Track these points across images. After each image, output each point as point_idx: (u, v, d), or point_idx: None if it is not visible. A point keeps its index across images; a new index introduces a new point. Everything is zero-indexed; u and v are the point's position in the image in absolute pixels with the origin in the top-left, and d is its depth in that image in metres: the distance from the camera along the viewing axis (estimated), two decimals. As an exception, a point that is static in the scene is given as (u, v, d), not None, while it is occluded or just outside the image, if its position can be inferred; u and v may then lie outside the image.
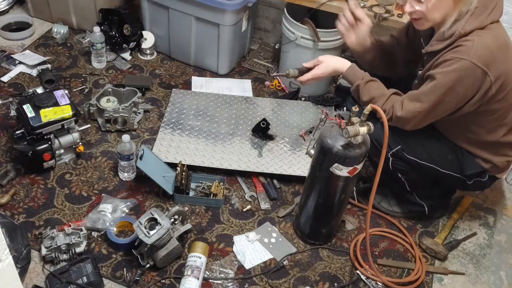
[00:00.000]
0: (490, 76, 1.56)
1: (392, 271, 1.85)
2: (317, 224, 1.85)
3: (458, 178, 1.81)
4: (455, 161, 1.78)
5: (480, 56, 1.54)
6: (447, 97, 1.61)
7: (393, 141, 1.76)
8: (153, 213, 1.70)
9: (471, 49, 1.55)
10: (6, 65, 2.53)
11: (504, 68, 1.60)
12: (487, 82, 1.58)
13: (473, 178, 1.81)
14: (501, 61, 1.58)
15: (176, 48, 2.67)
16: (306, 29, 2.32)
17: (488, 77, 1.56)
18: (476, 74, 1.56)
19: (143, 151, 1.97)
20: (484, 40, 1.56)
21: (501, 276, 1.92)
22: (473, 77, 1.56)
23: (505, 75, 1.60)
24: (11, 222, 1.71)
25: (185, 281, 1.66)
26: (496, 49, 1.57)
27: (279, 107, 2.44)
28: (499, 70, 1.58)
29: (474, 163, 1.79)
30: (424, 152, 1.78)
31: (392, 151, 1.78)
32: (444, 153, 1.79)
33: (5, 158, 2.07)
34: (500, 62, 1.58)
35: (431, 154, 1.78)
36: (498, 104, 1.65)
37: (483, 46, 1.55)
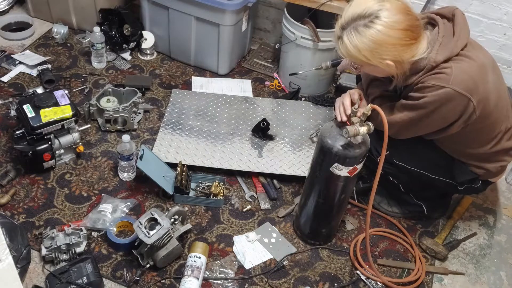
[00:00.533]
0: (473, 102, 1.53)
1: (392, 271, 1.85)
2: (317, 224, 1.85)
3: (449, 183, 1.81)
4: (446, 168, 1.78)
5: (461, 82, 1.51)
6: (427, 119, 1.61)
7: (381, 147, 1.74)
8: (153, 213, 1.70)
9: (451, 76, 1.50)
10: (6, 65, 2.53)
11: (485, 90, 1.56)
12: (470, 107, 1.55)
13: (464, 184, 1.81)
14: (481, 84, 1.55)
15: (176, 48, 2.67)
16: (306, 29, 2.32)
17: (471, 103, 1.54)
18: (458, 100, 1.53)
19: (143, 151, 1.97)
20: (463, 66, 1.52)
21: (501, 276, 1.92)
22: (454, 103, 1.54)
23: (486, 96, 1.57)
24: (11, 222, 1.71)
25: (185, 281, 1.66)
26: (475, 74, 1.53)
27: (279, 107, 2.44)
28: (480, 94, 1.55)
29: (466, 170, 1.78)
30: (413, 158, 1.78)
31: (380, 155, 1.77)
32: (434, 160, 1.78)
33: (5, 158, 2.07)
34: (481, 86, 1.55)
35: (420, 161, 1.78)
36: (484, 122, 1.63)
37: (462, 72, 1.51)
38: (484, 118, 1.61)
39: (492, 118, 1.64)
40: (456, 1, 2.33)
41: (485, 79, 1.57)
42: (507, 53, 2.41)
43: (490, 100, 1.59)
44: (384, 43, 1.46)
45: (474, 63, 1.54)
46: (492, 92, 1.59)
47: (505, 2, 2.26)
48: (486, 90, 1.57)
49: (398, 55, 1.48)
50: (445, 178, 1.80)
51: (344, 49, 1.52)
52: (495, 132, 1.70)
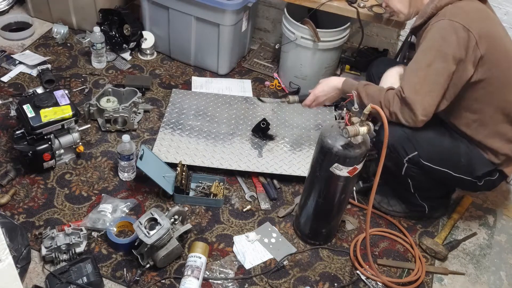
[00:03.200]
0: (473, 32, 1.60)
1: (392, 271, 1.85)
2: (317, 224, 1.85)
3: (469, 180, 1.81)
4: (467, 165, 1.78)
5: (456, 15, 1.64)
6: (437, 60, 1.62)
7: (409, 147, 1.75)
8: (153, 213, 1.70)
9: (447, 11, 1.66)
10: (6, 65, 2.53)
11: (486, 30, 1.64)
12: (472, 39, 1.61)
13: (483, 178, 1.81)
14: (479, 21, 1.64)
15: (176, 48, 2.67)
16: (306, 29, 2.32)
17: (471, 34, 1.60)
18: (457, 30, 1.61)
19: (143, 151, 1.97)
20: (460, 4, 1.67)
21: (501, 276, 1.92)
22: (455, 34, 1.61)
23: (489, 35, 1.64)
24: (11, 222, 1.71)
25: (185, 281, 1.66)
26: (472, 12, 1.66)
27: (279, 107, 2.44)
28: (480, 28, 1.62)
29: (485, 161, 1.79)
30: (439, 156, 1.77)
31: (408, 156, 1.76)
32: (458, 157, 1.78)
33: (5, 158, 2.07)
34: (479, 22, 1.64)
35: (445, 159, 1.78)
36: (495, 70, 1.65)
37: (458, 8, 1.66)
38: (493, 66, 1.65)
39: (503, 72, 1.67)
40: (456, 1, 2.33)
41: (486, 20, 1.68)
42: (507, 53, 2.40)
43: (495, 44, 1.65)
44: None
45: (474, 6, 1.68)
46: (499, 39, 1.67)
47: (505, 2, 2.26)
48: (487, 29, 1.64)
49: None
50: (466, 176, 1.80)
51: None
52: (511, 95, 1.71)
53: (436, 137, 1.77)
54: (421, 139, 1.74)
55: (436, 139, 1.77)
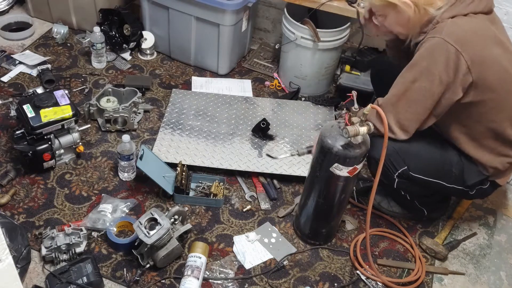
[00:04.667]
0: (464, 57, 1.54)
1: (392, 271, 1.85)
2: (317, 224, 1.85)
3: (461, 190, 1.81)
4: (459, 175, 1.77)
5: (451, 34, 1.55)
6: (422, 78, 1.59)
7: (398, 162, 1.73)
8: (153, 213, 1.70)
9: (443, 28, 1.57)
10: (6, 65, 2.53)
11: (481, 54, 1.57)
12: (462, 64, 1.54)
13: (475, 187, 1.80)
14: (476, 44, 1.57)
15: (176, 48, 2.67)
16: (306, 29, 2.32)
17: (462, 57, 1.54)
18: (448, 52, 1.54)
19: (143, 151, 1.97)
20: (458, 21, 1.58)
21: (501, 276, 1.92)
22: (445, 55, 1.55)
23: (483, 61, 1.57)
24: (11, 222, 1.71)
25: (185, 281, 1.66)
26: (470, 31, 1.57)
27: (279, 107, 2.44)
28: (474, 53, 1.55)
29: (475, 172, 1.77)
30: (430, 169, 1.76)
31: (398, 171, 1.75)
32: (450, 167, 1.77)
33: (5, 158, 2.07)
34: (475, 45, 1.56)
35: (436, 170, 1.77)
36: (489, 94, 1.62)
37: (455, 25, 1.57)
38: (487, 90, 1.60)
39: (498, 95, 1.62)
40: (456, 1, 2.33)
41: (483, 42, 1.59)
42: (507, 53, 2.40)
43: (490, 69, 1.59)
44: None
45: (474, 25, 1.59)
46: (495, 62, 1.59)
47: (505, 2, 2.26)
48: (483, 53, 1.57)
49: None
50: (458, 185, 1.79)
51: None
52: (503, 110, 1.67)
53: (426, 149, 1.75)
54: (410, 152, 1.72)
55: (426, 151, 1.75)
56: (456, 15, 1.59)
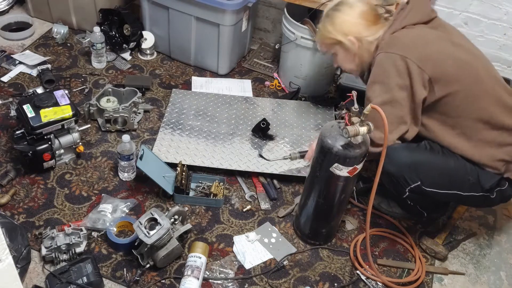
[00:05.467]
0: (410, 58, 1.61)
1: (392, 271, 1.85)
2: (317, 224, 1.85)
3: (481, 196, 1.75)
4: (477, 181, 1.72)
5: (391, 45, 1.67)
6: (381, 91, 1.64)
7: (411, 177, 1.70)
8: (153, 213, 1.70)
9: (384, 44, 1.69)
10: (6, 65, 2.53)
11: (427, 52, 1.64)
12: (411, 65, 1.61)
13: (494, 190, 1.74)
14: (418, 47, 1.65)
15: (176, 48, 2.67)
16: (306, 29, 2.32)
17: (409, 60, 1.61)
18: (394, 60, 1.63)
19: (143, 151, 1.97)
20: (396, 34, 1.69)
21: (501, 276, 1.92)
22: (393, 65, 1.63)
23: (431, 57, 1.64)
24: (11, 222, 1.71)
25: (185, 281, 1.66)
26: (409, 37, 1.67)
27: (279, 107, 2.44)
28: (418, 52, 1.63)
29: (490, 173, 1.73)
30: (444, 181, 1.73)
31: (410, 186, 1.72)
32: (465, 176, 1.72)
33: (5, 158, 2.07)
34: (417, 46, 1.65)
35: (452, 181, 1.73)
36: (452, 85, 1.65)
37: (393, 38, 1.68)
38: (451, 82, 1.64)
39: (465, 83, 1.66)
40: (456, 1, 2.33)
41: (425, 42, 1.67)
42: (507, 53, 2.41)
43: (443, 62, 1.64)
44: (347, 20, 1.77)
45: (410, 33, 1.69)
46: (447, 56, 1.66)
47: (505, 2, 2.26)
48: (428, 50, 1.65)
49: (358, 32, 1.75)
50: (477, 192, 1.74)
51: (319, 34, 1.86)
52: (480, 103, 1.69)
53: (440, 160, 1.72)
54: (424, 166, 1.70)
55: (440, 163, 1.72)
56: (395, 31, 1.70)
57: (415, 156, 1.72)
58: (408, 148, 1.73)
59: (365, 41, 1.75)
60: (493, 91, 1.70)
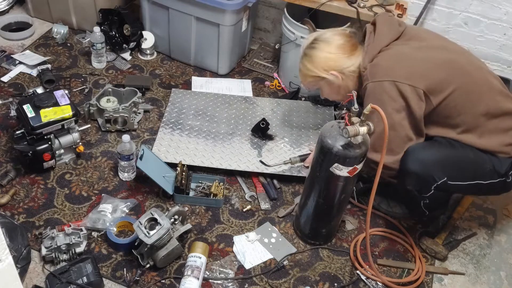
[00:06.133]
0: (399, 81, 1.64)
1: (392, 271, 1.85)
2: (317, 224, 1.85)
3: (498, 182, 1.76)
4: (494, 167, 1.74)
5: (375, 73, 1.69)
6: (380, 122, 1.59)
7: (438, 174, 1.70)
8: (153, 213, 1.70)
9: (368, 74, 1.71)
10: (6, 65, 2.53)
11: (410, 68, 1.67)
12: (402, 87, 1.64)
13: (509, 173, 1.76)
14: (400, 65, 1.68)
15: (176, 48, 2.67)
16: (306, 29, 2.32)
17: (397, 83, 1.64)
18: (383, 88, 1.66)
19: (143, 151, 1.97)
20: (377, 62, 1.72)
21: (501, 276, 1.92)
22: (384, 92, 1.66)
23: (416, 71, 1.66)
24: (11, 222, 1.71)
25: (185, 281, 1.66)
26: (389, 62, 1.70)
27: (278, 107, 2.44)
28: (404, 71, 1.66)
29: (503, 158, 1.75)
30: (467, 172, 1.74)
31: (437, 183, 1.71)
32: (484, 164, 1.74)
33: (5, 158, 2.07)
34: (400, 67, 1.68)
35: (474, 172, 1.74)
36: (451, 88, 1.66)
37: (374, 66, 1.71)
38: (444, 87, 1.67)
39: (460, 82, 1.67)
40: (456, 1, 2.33)
41: (405, 59, 1.70)
42: (507, 53, 2.40)
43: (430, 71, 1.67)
44: (325, 56, 1.80)
45: (387, 55, 1.73)
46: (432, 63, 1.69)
47: (505, 2, 2.26)
48: (411, 67, 1.67)
49: (338, 65, 1.79)
50: (495, 179, 1.76)
51: (301, 73, 1.89)
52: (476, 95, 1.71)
53: (460, 152, 1.73)
54: (448, 160, 1.71)
55: (461, 155, 1.73)
56: (373, 58, 1.73)
57: (439, 152, 1.73)
58: (429, 146, 1.75)
59: (347, 71, 1.79)
60: (484, 81, 1.73)
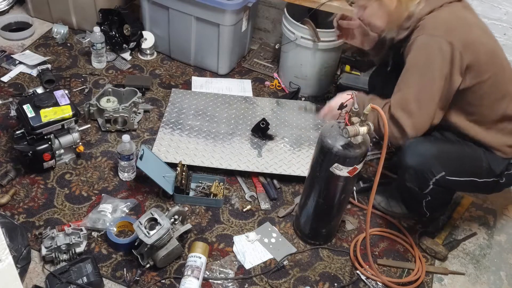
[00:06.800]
0: (455, 44, 1.58)
1: (392, 271, 1.85)
2: (317, 224, 1.85)
3: (492, 182, 1.78)
4: (489, 166, 1.76)
5: (436, 27, 1.62)
6: (423, 77, 1.61)
7: (436, 168, 1.70)
8: (153, 213, 1.70)
9: (427, 24, 1.63)
10: (6, 65, 2.53)
11: (469, 37, 1.62)
12: (456, 51, 1.59)
13: (503, 173, 1.78)
14: (461, 30, 1.62)
15: (176, 48, 2.67)
16: (306, 29, 2.32)
17: (454, 46, 1.58)
18: (440, 45, 1.59)
19: (143, 151, 1.97)
20: (438, 14, 1.64)
21: (501, 276, 1.92)
22: (438, 50, 1.59)
23: (472, 43, 1.62)
24: (11, 222, 1.71)
25: (185, 281, 1.66)
26: (452, 19, 1.64)
27: (278, 107, 2.44)
28: (462, 37, 1.60)
29: (499, 158, 1.77)
30: (464, 168, 1.75)
31: (435, 178, 1.71)
32: (480, 162, 1.75)
33: (5, 158, 2.07)
34: (461, 31, 1.62)
35: (469, 168, 1.75)
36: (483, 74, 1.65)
37: (437, 18, 1.63)
38: (481, 71, 1.64)
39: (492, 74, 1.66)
40: (456, 1, 2.33)
41: (466, 26, 1.65)
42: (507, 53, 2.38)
43: (479, 50, 1.63)
44: None
45: (454, 14, 1.65)
46: (481, 43, 1.64)
47: (505, 2, 2.26)
48: (470, 36, 1.62)
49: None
50: (490, 178, 1.77)
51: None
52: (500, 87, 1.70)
53: (457, 148, 1.74)
54: (446, 154, 1.71)
55: (459, 150, 1.74)
56: (434, 9, 1.64)
57: (437, 146, 1.73)
58: (427, 140, 1.74)
59: (404, 4, 1.67)
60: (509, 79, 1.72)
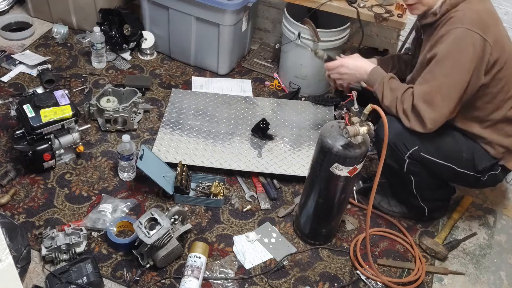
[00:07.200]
0: (489, 41, 1.59)
1: (392, 271, 1.85)
2: (317, 224, 1.85)
3: (472, 176, 1.80)
4: (469, 159, 1.77)
5: (473, 22, 1.60)
6: (454, 72, 1.60)
7: (410, 142, 1.73)
8: (153, 213, 1.70)
9: (463, 17, 1.62)
10: (6, 65, 2.53)
11: (498, 34, 1.64)
12: (487, 47, 1.60)
13: (486, 173, 1.80)
14: (492, 25, 1.63)
15: (176, 48, 2.67)
16: (306, 29, 2.32)
17: (487, 43, 1.59)
18: (474, 41, 1.59)
19: (143, 151, 1.97)
20: (473, 7, 1.64)
21: (501, 276, 1.92)
22: (472, 45, 1.59)
23: (500, 40, 1.64)
24: (11, 222, 1.71)
25: (185, 281, 1.66)
26: (485, 14, 1.64)
27: (278, 107, 2.44)
28: (493, 34, 1.62)
29: (486, 156, 1.78)
30: (440, 150, 1.76)
31: (409, 151, 1.74)
32: (460, 151, 1.77)
33: (5, 158, 2.07)
34: (492, 27, 1.63)
35: (447, 153, 1.77)
36: (501, 72, 1.65)
37: (473, 12, 1.62)
38: (501, 66, 1.64)
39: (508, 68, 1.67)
40: (456, 1, 2.33)
41: (495, 22, 1.66)
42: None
43: (505, 46, 1.65)
44: None
45: (484, 6, 1.67)
46: (505, 39, 1.66)
47: (505, 2, 2.26)
48: (498, 33, 1.64)
49: None
50: (469, 171, 1.79)
51: None
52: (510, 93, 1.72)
53: (438, 132, 1.74)
54: (422, 134, 1.72)
55: (438, 134, 1.75)
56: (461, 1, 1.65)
57: None
58: None
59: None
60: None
